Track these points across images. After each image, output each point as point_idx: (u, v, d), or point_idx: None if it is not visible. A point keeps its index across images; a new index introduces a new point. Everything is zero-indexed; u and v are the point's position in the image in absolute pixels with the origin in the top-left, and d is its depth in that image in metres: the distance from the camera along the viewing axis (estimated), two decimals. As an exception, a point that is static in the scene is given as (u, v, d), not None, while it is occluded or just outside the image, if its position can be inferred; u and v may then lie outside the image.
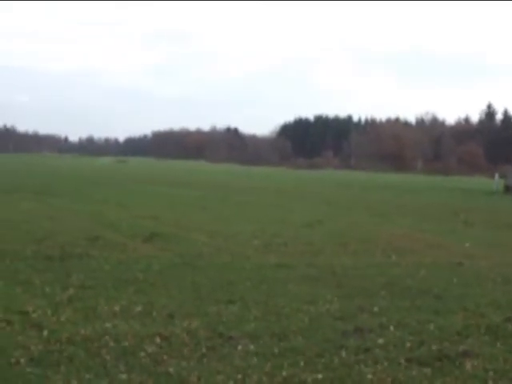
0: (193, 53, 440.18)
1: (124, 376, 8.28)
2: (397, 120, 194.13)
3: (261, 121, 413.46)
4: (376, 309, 12.36)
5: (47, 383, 8.00)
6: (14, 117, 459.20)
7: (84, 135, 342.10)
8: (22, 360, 8.65)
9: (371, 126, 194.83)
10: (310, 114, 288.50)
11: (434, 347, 9.91)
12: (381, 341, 10.17)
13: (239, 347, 9.61)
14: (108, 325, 10.47)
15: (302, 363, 8.98)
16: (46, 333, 9.89)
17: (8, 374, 8.18)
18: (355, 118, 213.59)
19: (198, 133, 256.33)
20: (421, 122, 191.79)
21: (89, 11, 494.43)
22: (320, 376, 8.51)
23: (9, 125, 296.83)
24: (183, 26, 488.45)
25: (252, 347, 9.65)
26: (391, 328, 11.01)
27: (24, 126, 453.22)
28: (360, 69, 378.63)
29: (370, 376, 8.60)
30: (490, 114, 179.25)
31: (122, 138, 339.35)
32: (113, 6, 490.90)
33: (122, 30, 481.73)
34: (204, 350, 9.41)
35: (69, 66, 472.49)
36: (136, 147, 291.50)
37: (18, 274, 14.49)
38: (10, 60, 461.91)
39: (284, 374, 8.53)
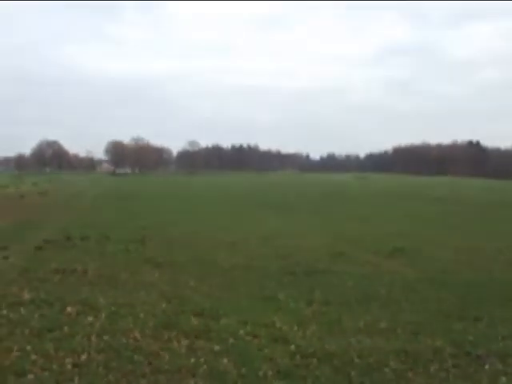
0: (434, 65, 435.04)
1: (369, 392, 8.29)
2: None
3: (504, 133, 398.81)
4: None
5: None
6: (257, 135, 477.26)
7: (325, 152, 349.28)
8: (270, 373, 8.92)
9: None
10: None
11: None
12: None
13: (486, 366, 9.31)
14: (352, 340, 10.56)
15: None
16: (292, 347, 10.13)
17: (255, 386, 8.45)
18: None
19: (439, 147, 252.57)
20: None
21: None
22: None
23: (252, 143, 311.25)
24: (423, 38, 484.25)
25: (500, 367, 9.31)
26: None
27: (265, 144, 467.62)
28: None
29: None
30: None
31: (362, 154, 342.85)
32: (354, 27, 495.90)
33: (357, 45, 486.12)
34: (450, 368, 9.22)
35: (314, 84, 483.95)
36: (376, 163, 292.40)
37: (263, 289, 15.00)
38: (252, 79, 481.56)
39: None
